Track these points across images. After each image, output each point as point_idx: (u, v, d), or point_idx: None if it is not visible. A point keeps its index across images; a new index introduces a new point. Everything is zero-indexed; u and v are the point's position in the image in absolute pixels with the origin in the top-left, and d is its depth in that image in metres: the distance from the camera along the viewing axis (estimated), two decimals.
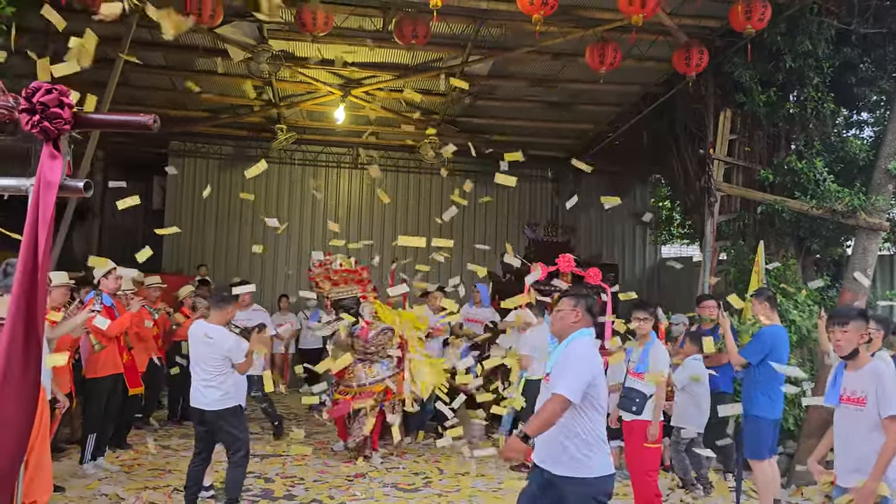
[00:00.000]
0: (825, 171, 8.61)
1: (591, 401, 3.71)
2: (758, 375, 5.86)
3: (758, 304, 6.06)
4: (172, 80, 11.46)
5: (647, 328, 5.91)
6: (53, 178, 1.90)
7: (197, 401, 5.49)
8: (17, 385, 1.68)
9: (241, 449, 5.52)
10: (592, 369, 3.75)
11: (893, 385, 3.81)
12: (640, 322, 5.91)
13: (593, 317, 4.01)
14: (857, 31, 8.65)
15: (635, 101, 11.43)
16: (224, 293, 5.98)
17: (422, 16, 7.98)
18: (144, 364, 7.66)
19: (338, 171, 14.84)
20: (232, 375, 5.52)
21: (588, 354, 3.83)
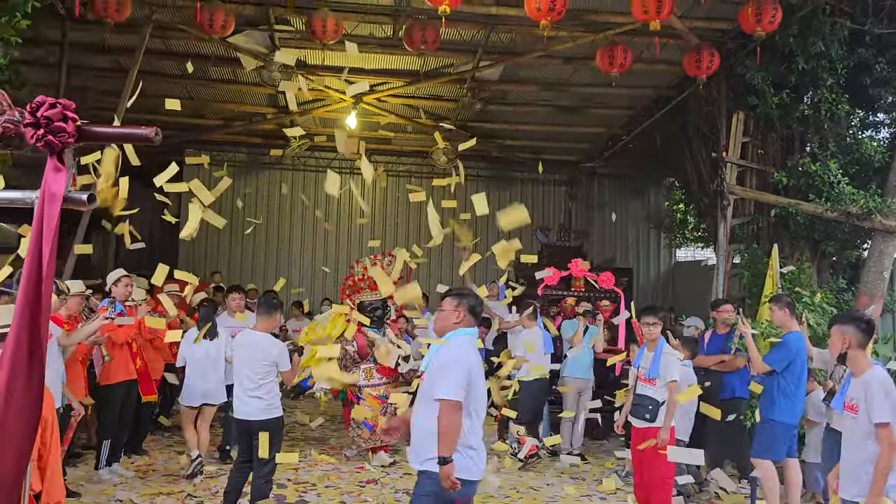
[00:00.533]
0: (840, 173, 8.54)
1: (465, 405, 3.61)
2: (782, 381, 5.84)
3: (778, 311, 6.02)
4: (187, 89, 11.57)
5: (657, 332, 5.86)
6: (58, 190, 1.93)
7: (240, 411, 5.48)
8: (19, 396, 1.70)
9: (270, 462, 5.48)
10: (469, 370, 3.66)
11: (882, 392, 3.76)
12: (649, 326, 5.86)
13: (476, 317, 3.90)
14: (871, 31, 8.58)
15: (647, 104, 11.40)
16: (272, 300, 5.97)
17: (431, 22, 8.02)
18: (160, 372, 7.70)
19: (350, 178, 14.87)
20: (276, 385, 5.52)
21: (463, 355, 3.71)
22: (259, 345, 5.47)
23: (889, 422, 3.72)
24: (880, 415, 3.74)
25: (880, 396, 3.76)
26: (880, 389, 3.78)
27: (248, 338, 5.58)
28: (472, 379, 3.65)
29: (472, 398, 3.65)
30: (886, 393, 3.76)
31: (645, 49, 8.87)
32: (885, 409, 3.73)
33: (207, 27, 7.82)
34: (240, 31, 8.80)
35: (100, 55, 9.82)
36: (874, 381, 3.83)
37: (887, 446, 3.71)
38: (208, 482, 6.67)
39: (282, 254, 14.46)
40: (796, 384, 5.87)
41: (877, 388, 3.79)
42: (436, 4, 6.77)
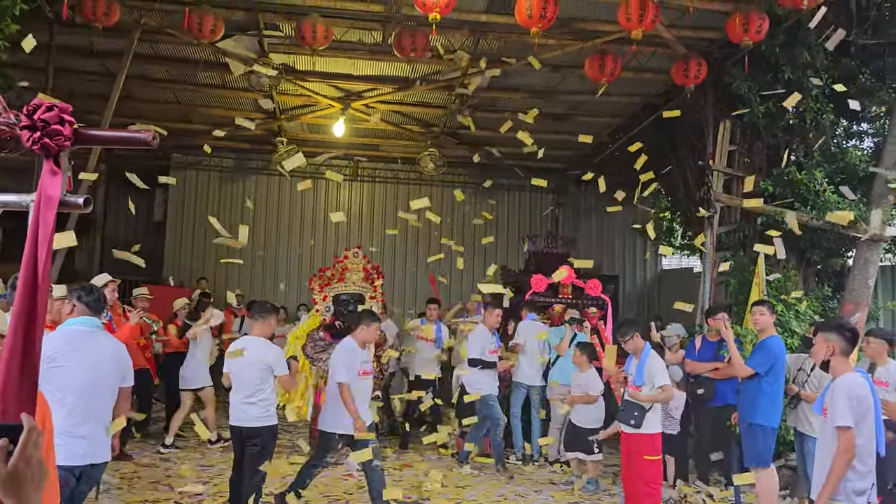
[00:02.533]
0: (825, 181, 8.62)
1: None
2: (764, 384, 5.89)
3: (769, 315, 6.09)
4: (175, 94, 11.52)
5: (637, 342, 5.92)
6: (54, 193, 1.91)
7: (236, 418, 5.48)
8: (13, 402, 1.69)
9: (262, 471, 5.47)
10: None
11: (845, 397, 3.79)
12: (625, 340, 5.96)
13: (91, 310, 4.27)
14: (856, 42, 8.68)
15: (635, 112, 11.47)
16: (267, 304, 6.00)
17: (421, 29, 8.03)
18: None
19: (338, 183, 14.87)
20: (273, 393, 5.52)
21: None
22: (254, 349, 5.43)
23: (848, 425, 3.75)
24: (841, 418, 3.77)
25: (842, 400, 3.79)
26: (843, 394, 3.81)
27: (242, 344, 5.54)
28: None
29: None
30: (849, 398, 3.79)
31: (633, 57, 8.93)
32: (846, 414, 3.76)
33: (197, 32, 7.79)
34: (229, 37, 8.77)
35: (87, 59, 9.77)
36: (840, 386, 3.86)
37: (842, 449, 3.74)
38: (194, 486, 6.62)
39: (268, 260, 14.40)
40: (777, 387, 5.94)
41: (841, 392, 3.82)
42: (426, 12, 6.79)
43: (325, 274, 8.49)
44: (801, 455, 6.29)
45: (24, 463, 1.33)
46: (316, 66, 10.20)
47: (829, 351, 3.99)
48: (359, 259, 8.53)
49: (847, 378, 3.90)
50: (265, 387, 5.44)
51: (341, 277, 8.40)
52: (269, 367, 5.44)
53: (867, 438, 3.79)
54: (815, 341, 4.16)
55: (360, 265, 8.50)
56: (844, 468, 3.73)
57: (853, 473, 3.75)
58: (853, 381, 3.87)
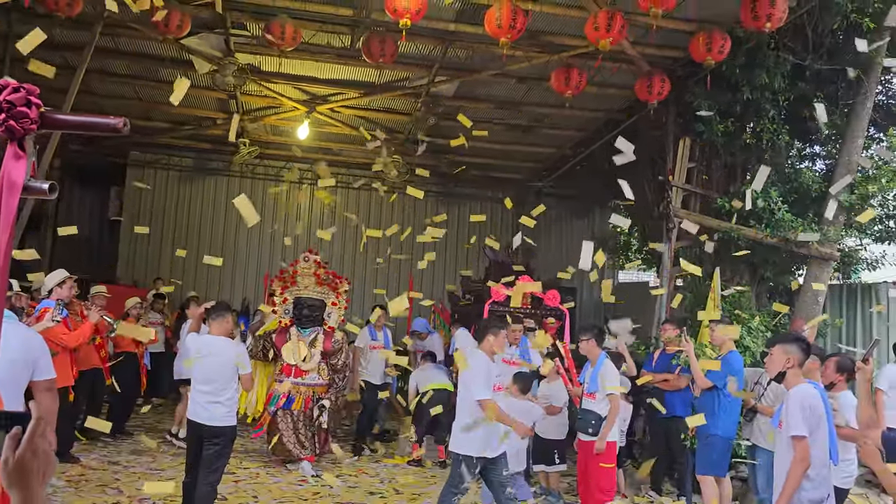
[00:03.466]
0: (780, 200, 8.85)
1: None
2: (722, 398, 6.01)
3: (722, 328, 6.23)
4: (136, 90, 11.33)
5: (592, 348, 6.00)
6: (17, 178, 1.86)
7: (199, 416, 5.42)
8: None
9: (220, 470, 5.47)
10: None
11: (799, 407, 3.88)
12: (583, 342, 6.04)
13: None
14: (811, 66, 8.95)
15: (597, 127, 11.63)
16: (222, 303, 6.06)
17: (390, 35, 8.03)
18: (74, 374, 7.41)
19: (299, 188, 14.76)
20: (236, 393, 5.54)
21: None
22: (219, 348, 5.46)
23: (802, 435, 3.82)
24: (795, 428, 3.84)
25: (796, 410, 3.86)
26: (797, 404, 3.88)
27: (205, 343, 5.53)
28: None
29: None
30: (803, 408, 3.86)
31: (598, 72, 9.06)
32: (799, 424, 3.83)
33: (162, 27, 7.67)
34: (195, 34, 8.65)
35: (47, 51, 9.50)
36: (795, 396, 3.94)
37: (797, 459, 3.81)
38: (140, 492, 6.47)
39: (227, 261, 14.19)
40: (735, 401, 6.08)
41: (794, 402, 3.90)
42: (396, 18, 6.80)
43: (284, 276, 8.42)
44: (752, 467, 6.41)
45: (31, 453, 1.29)
46: (282, 68, 10.13)
47: (788, 363, 4.04)
48: (309, 264, 8.44)
49: (800, 389, 3.98)
50: (231, 386, 5.47)
51: (293, 281, 8.34)
52: (235, 365, 5.48)
53: (821, 448, 3.88)
54: (772, 352, 4.20)
55: (311, 270, 8.41)
56: (800, 478, 3.80)
57: (808, 483, 3.82)
58: (806, 392, 3.95)
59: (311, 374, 7.82)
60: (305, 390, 7.80)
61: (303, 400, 7.79)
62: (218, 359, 5.44)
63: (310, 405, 7.84)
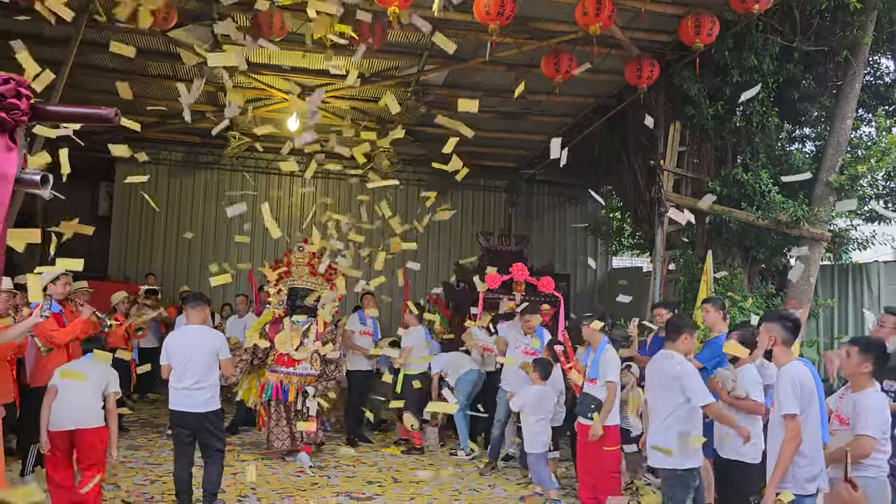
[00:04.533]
0: (770, 182, 8.88)
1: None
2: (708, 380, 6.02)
3: (714, 312, 6.23)
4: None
5: (594, 333, 6.01)
6: (9, 170, 1.86)
7: (184, 404, 5.70)
8: None
9: (222, 451, 5.87)
10: None
11: (789, 385, 3.91)
12: (585, 327, 6.04)
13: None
14: (799, 48, 8.97)
15: (588, 112, 11.62)
16: (197, 293, 6.34)
17: (379, 21, 7.99)
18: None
19: (291, 180, 14.72)
20: (217, 378, 5.83)
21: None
22: (200, 337, 5.76)
23: (793, 412, 3.85)
24: (786, 406, 3.88)
25: (786, 389, 3.90)
26: (788, 382, 3.92)
27: (187, 333, 5.84)
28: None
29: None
30: (794, 386, 3.89)
31: (587, 58, 9.04)
32: (791, 401, 3.86)
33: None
34: (181, 25, 8.59)
35: (32, 46, 9.42)
36: (784, 375, 3.97)
37: (789, 436, 3.85)
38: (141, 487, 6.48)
39: (219, 254, 14.16)
40: None
41: (786, 381, 3.93)
42: (385, 5, 6.76)
43: (279, 266, 8.40)
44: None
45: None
46: (271, 60, 10.07)
47: (771, 341, 4.10)
48: (303, 255, 8.45)
49: (791, 367, 4.01)
50: (213, 371, 5.77)
51: (287, 272, 8.34)
52: (216, 352, 5.78)
53: (813, 425, 3.91)
54: (760, 331, 4.27)
55: (305, 260, 8.42)
56: (792, 455, 3.84)
57: (802, 460, 3.86)
58: (796, 370, 3.98)
59: (304, 364, 7.81)
60: (298, 380, 7.80)
61: (295, 390, 7.79)
62: (198, 348, 5.71)
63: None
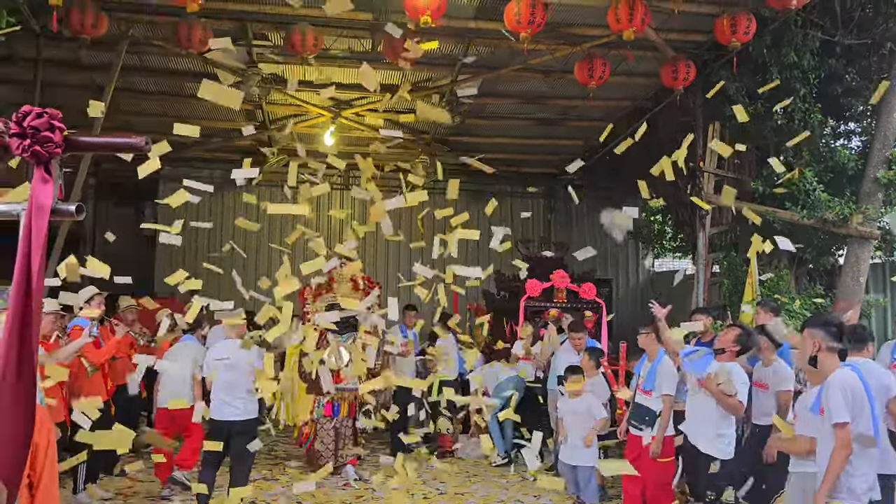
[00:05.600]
0: (815, 181, 8.66)
1: None
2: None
3: (764, 315, 6.11)
4: (163, 105, 11.49)
5: (651, 342, 5.88)
6: (45, 201, 1.89)
7: (223, 414, 6.01)
8: (8, 416, 1.66)
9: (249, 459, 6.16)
10: None
11: (839, 393, 3.76)
12: (642, 336, 5.92)
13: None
14: (841, 42, 8.75)
15: (624, 116, 11.50)
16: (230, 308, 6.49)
17: (410, 34, 8.02)
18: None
19: (329, 193, 14.83)
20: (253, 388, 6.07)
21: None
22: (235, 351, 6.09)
23: (844, 421, 3.70)
24: (837, 415, 3.73)
25: (836, 397, 3.75)
26: (837, 390, 3.77)
27: (226, 347, 6.20)
28: None
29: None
30: (844, 394, 3.75)
31: (622, 61, 8.96)
32: (841, 410, 3.72)
33: (185, 43, 7.77)
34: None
35: (75, 72, 9.72)
36: (833, 383, 3.82)
37: (839, 446, 3.70)
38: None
39: (260, 271, 14.33)
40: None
41: (834, 388, 3.79)
42: (416, 16, 6.79)
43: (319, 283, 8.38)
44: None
45: None
46: (305, 76, 10.19)
47: (815, 347, 3.92)
48: (346, 269, 8.40)
49: (839, 374, 3.86)
50: (249, 381, 6.06)
51: (329, 288, 8.31)
52: (251, 364, 6.06)
53: (865, 432, 3.77)
54: (803, 337, 4.08)
55: (348, 276, 8.38)
56: (842, 465, 3.70)
57: (853, 469, 3.72)
58: (845, 377, 3.84)
59: (353, 380, 7.80)
60: (348, 395, 7.78)
61: (347, 405, 7.77)
62: (236, 361, 6.04)
63: (354, 411, 7.82)
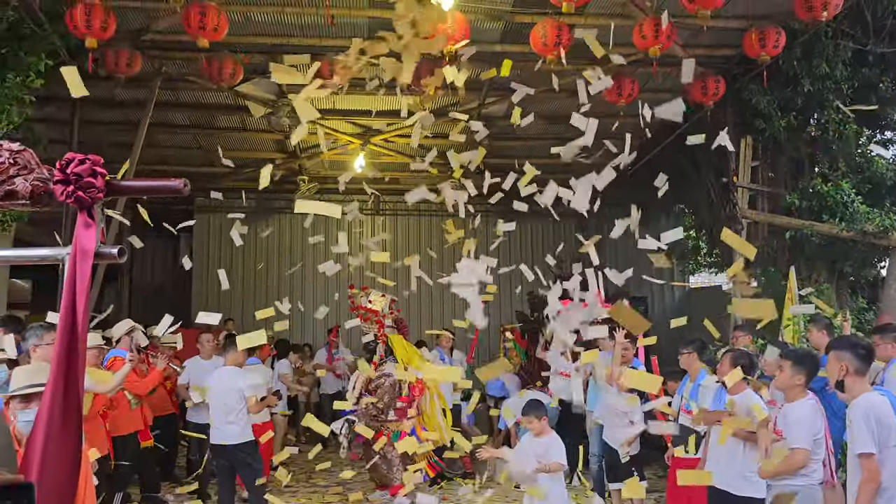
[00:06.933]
0: (853, 192, 8.51)
1: None
2: (824, 401, 5.75)
3: (816, 332, 6.00)
4: (196, 139, 11.71)
5: (693, 362, 5.79)
6: (89, 246, 1.92)
7: (217, 438, 6.28)
8: (57, 451, 1.68)
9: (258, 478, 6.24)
10: None
11: (863, 421, 3.56)
12: (684, 355, 5.84)
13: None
14: (873, 51, 8.62)
15: (654, 133, 11.41)
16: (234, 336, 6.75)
17: (437, 62, 8.08)
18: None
19: (360, 220, 14.93)
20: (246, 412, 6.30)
21: None
22: (228, 377, 6.34)
23: (869, 452, 3.52)
24: (861, 445, 3.55)
25: (860, 426, 3.57)
26: (860, 419, 3.58)
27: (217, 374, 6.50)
28: None
29: None
30: (867, 421, 3.55)
31: (650, 79, 8.92)
32: (865, 439, 3.53)
33: (216, 77, 7.92)
34: (248, 80, 8.90)
35: (110, 109, 9.95)
36: (856, 408, 3.65)
37: (867, 477, 3.52)
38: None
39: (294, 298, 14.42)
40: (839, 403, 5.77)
41: (857, 415, 3.61)
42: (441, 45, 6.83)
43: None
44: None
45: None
46: (335, 105, 10.32)
47: (842, 371, 3.74)
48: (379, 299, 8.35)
49: (863, 400, 3.65)
50: (239, 407, 6.23)
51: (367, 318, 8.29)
52: (241, 391, 6.26)
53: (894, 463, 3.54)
54: (829, 359, 3.89)
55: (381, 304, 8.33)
56: (870, 498, 3.50)
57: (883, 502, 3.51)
58: (870, 402, 3.62)
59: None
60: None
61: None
62: (228, 386, 6.27)
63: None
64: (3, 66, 6.13)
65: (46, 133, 10.22)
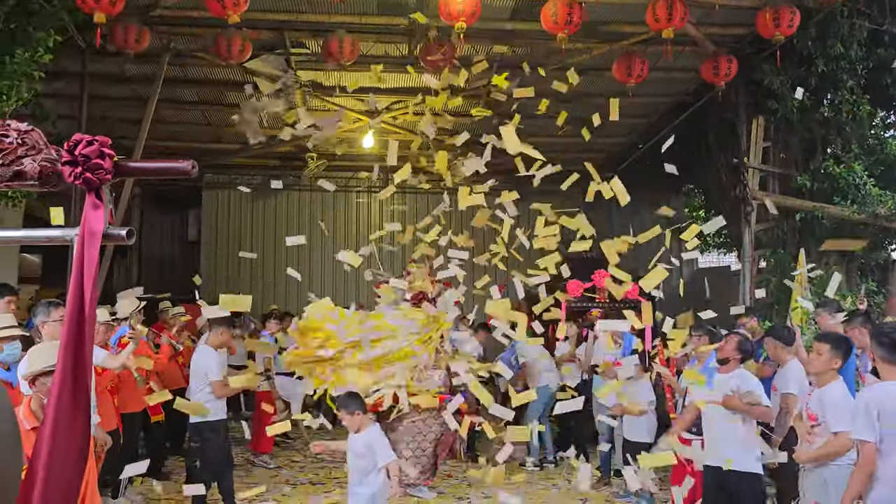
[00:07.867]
0: (865, 174, 8.44)
1: None
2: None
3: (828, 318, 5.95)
4: (205, 115, 11.67)
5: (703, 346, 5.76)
6: (97, 227, 1.92)
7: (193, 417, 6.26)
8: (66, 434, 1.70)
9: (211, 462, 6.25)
10: None
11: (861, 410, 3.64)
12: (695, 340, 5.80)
13: None
14: (889, 30, 8.50)
15: (665, 112, 11.33)
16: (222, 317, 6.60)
17: (446, 39, 8.02)
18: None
19: (368, 195, 14.94)
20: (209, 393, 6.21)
21: None
22: (199, 357, 6.37)
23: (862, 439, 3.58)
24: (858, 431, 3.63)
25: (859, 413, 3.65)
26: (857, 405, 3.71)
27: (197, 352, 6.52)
28: None
29: None
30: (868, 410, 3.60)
31: (659, 58, 8.83)
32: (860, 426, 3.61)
33: (225, 53, 7.88)
34: (256, 56, 8.85)
35: (119, 85, 9.93)
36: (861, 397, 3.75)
37: (861, 462, 3.59)
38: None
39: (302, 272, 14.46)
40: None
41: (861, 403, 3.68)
42: (451, 21, 6.78)
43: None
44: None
45: None
46: (343, 81, 10.25)
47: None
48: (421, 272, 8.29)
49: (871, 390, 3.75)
50: (202, 386, 6.22)
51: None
52: (204, 372, 6.19)
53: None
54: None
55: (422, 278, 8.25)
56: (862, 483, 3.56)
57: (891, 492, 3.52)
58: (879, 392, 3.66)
59: None
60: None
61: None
62: (198, 367, 6.30)
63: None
64: (11, 42, 6.10)
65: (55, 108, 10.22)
